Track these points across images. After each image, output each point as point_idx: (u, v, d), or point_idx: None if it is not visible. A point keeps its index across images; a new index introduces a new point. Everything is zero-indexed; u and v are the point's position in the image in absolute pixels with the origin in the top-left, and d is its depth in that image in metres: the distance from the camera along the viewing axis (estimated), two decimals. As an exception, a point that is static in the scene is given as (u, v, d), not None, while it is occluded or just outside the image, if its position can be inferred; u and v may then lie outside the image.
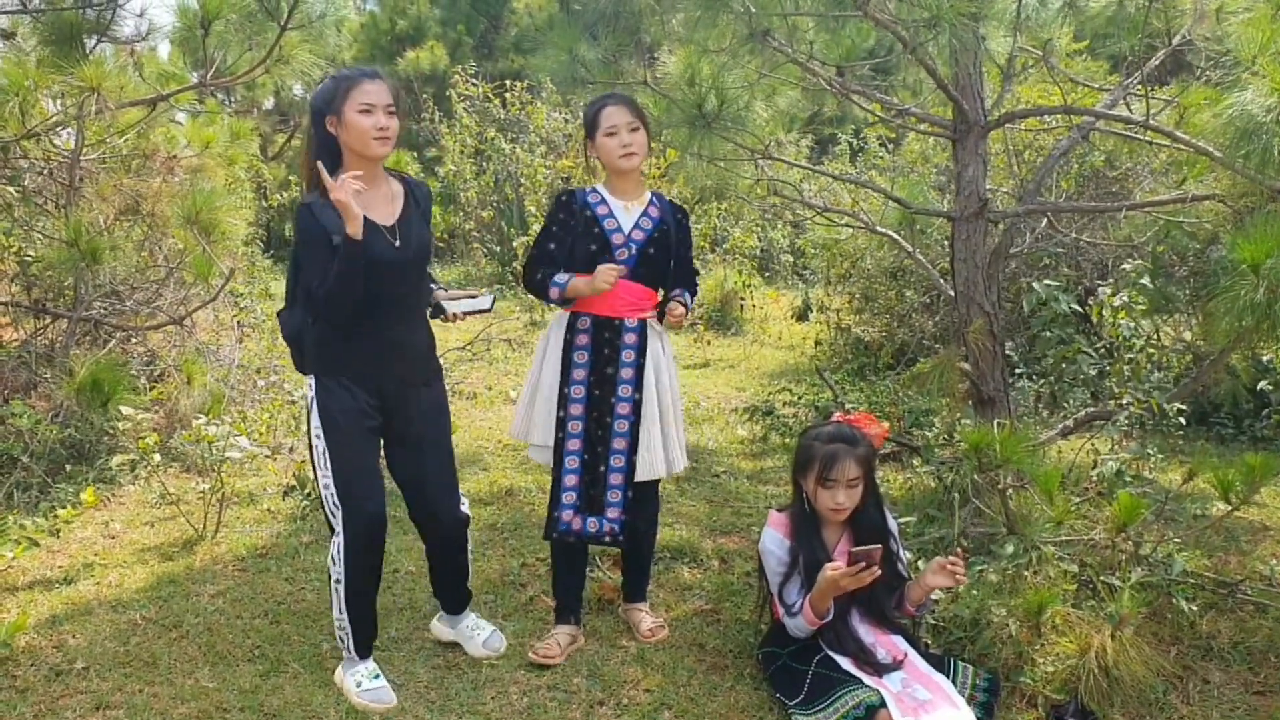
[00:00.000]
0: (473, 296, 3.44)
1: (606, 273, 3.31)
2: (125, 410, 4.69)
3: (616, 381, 3.46)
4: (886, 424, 3.62)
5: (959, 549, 3.25)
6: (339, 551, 3.19)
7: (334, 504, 3.17)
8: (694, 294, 3.65)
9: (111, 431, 5.41)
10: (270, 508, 5.00)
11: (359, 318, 3.10)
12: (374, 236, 3.08)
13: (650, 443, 3.50)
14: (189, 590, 4.03)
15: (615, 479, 3.47)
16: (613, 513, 3.48)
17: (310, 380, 3.20)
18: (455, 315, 3.39)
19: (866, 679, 3.02)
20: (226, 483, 4.86)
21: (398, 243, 3.15)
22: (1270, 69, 3.13)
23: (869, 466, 3.26)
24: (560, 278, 3.41)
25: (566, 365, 3.46)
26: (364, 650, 3.30)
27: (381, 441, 3.31)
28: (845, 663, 3.11)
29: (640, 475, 3.49)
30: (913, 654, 3.16)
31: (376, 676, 3.26)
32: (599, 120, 3.43)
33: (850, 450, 3.19)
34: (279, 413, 6.25)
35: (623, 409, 3.46)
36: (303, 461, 5.33)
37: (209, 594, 4.00)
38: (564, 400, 3.45)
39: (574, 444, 3.46)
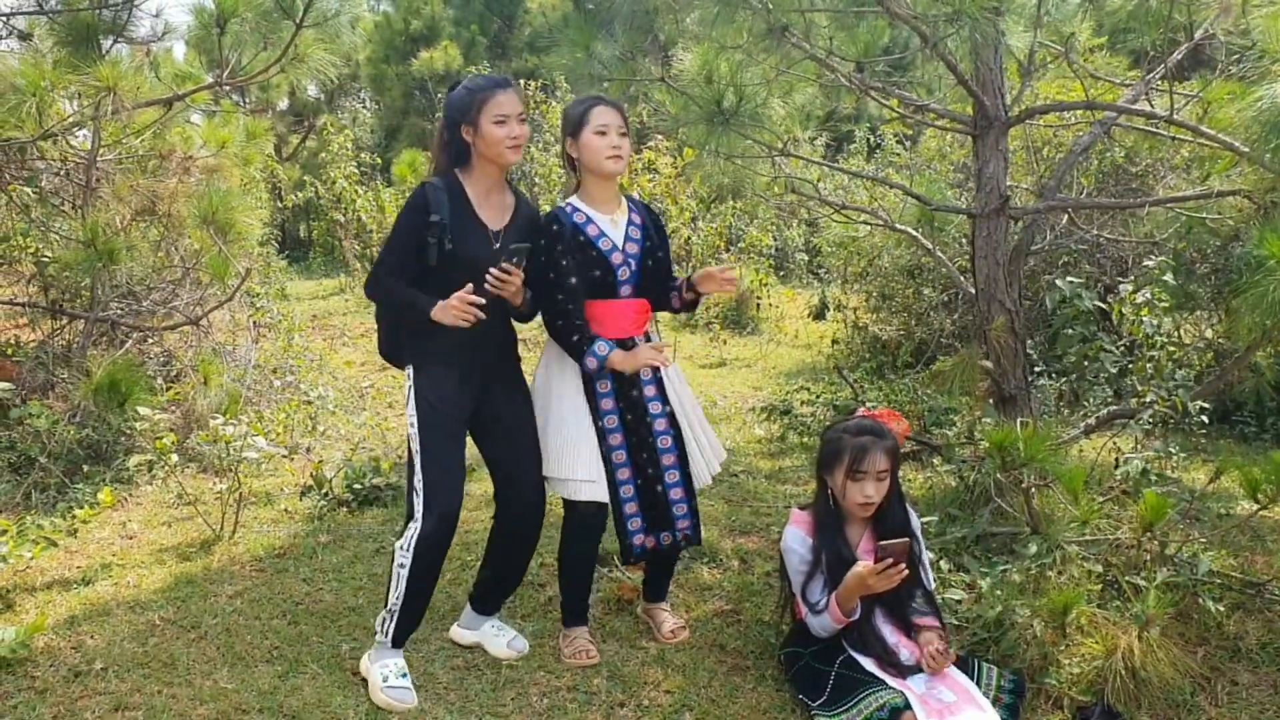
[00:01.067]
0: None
1: (650, 353, 3.32)
2: (143, 411, 4.68)
3: (645, 401, 3.41)
4: (907, 422, 3.59)
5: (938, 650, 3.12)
6: (413, 539, 3.20)
7: (420, 493, 3.22)
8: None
9: (128, 432, 5.42)
10: (288, 508, 4.99)
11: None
12: (480, 237, 3.26)
13: (696, 449, 3.51)
14: (207, 591, 4.02)
15: (676, 494, 3.45)
16: (682, 523, 3.47)
17: (409, 369, 3.32)
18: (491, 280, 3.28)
19: (891, 680, 2.99)
20: (244, 483, 4.85)
21: (497, 246, 3.27)
22: (1298, 61, 3.09)
23: (895, 460, 3.25)
24: (599, 351, 3.29)
25: (591, 397, 3.38)
26: (400, 640, 3.33)
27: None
28: (869, 664, 3.08)
29: (699, 483, 3.52)
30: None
31: (404, 675, 3.25)
32: (588, 118, 3.32)
33: (879, 442, 3.19)
34: (295, 413, 6.25)
35: (660, 425, 3.42)
36: (320, 462, 5.33)
37: (227, 595, 3.99)
38: (601, 435, 3.37)
39: (624, 473, 3.40)
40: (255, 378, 6.61)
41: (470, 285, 3.10)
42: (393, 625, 3.28)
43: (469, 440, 3.40)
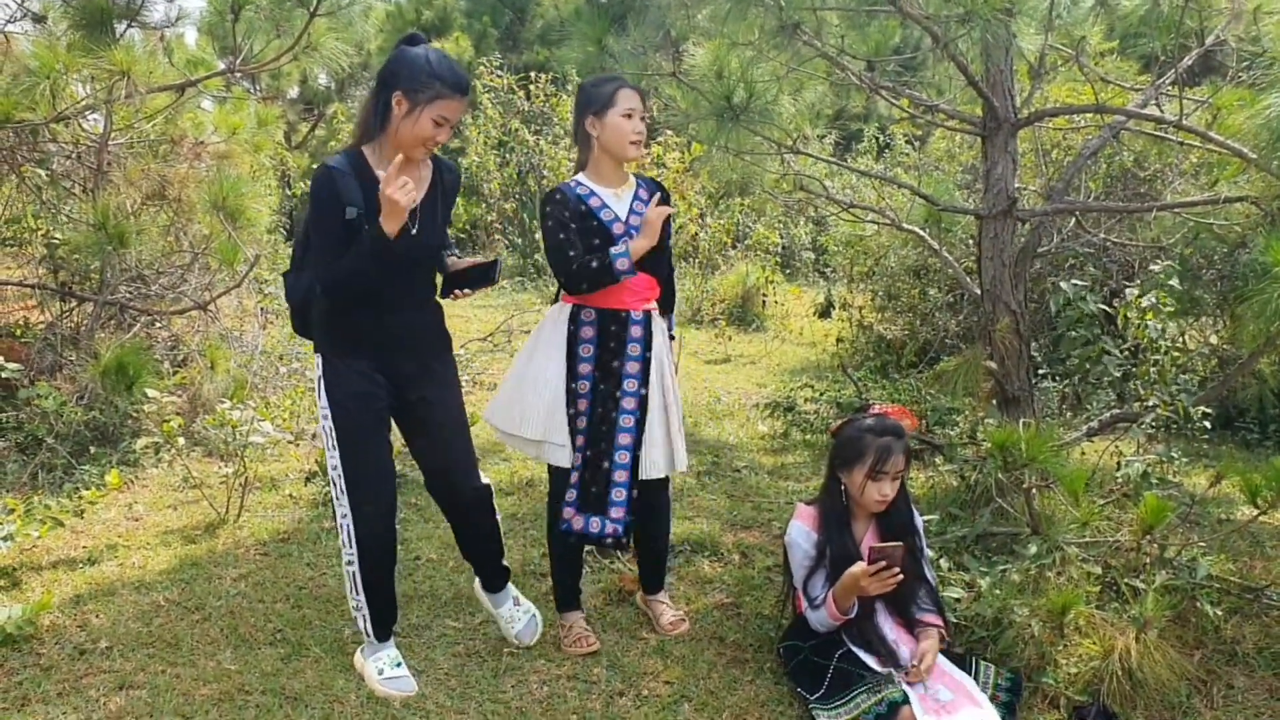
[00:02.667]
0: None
1: (657, 210, 3.25)
2: (150, 393, 4.71)
3: (622, 375, 3.35)
4: (914, 419, 3.60)
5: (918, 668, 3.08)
6: (349, 534, 3.17)
7: (341, 487, 3.15)
8: (672, 302, 3.58)
9: (135, 415, 5.45)
10: (292, 493, 5.02)
11: (368, 299, 3.06)
12: None
13: (654, 439, 3.40)
14: (211, 573, 4.05)
15: (619, 476, 3.35)
16: (616, 512, 3.35)
17: (318, 359, 3.17)
18: (459, 293, 3.27)
19: (892, 676, 3.01)
20: (249, 467, 4.88)
21: (414, 229, 3.08)
22: (1309, 70, 3.10)
23: (909, 459, 3.28)
24: (617, 247, 3.24)
25: (572, 360, 3.34)
26: (382, 633, 3.30)
27: (393, 419, 3.28)
28: (870, 660, 3.10)
29: (644, 473, 3.39)
30: (941, 659, 3.14)
31: (399, 664, 3.26)
32: (616, 99, 3.29)
33: (900, 442, 3.21)
34: (301, 399, 6.28)
35: (628, 404, 3.35)
36: (324, 448, 5.35)
37: (231, 577, 4.02)
38: (571, 397, 3.33)
39: (578, 440, 3.35)
40: (261, 364, 6.63)
41: (389, 170, 2.86)
42: (368, 623, 3.26)
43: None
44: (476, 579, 3.64)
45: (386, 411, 3.22)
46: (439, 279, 3.34)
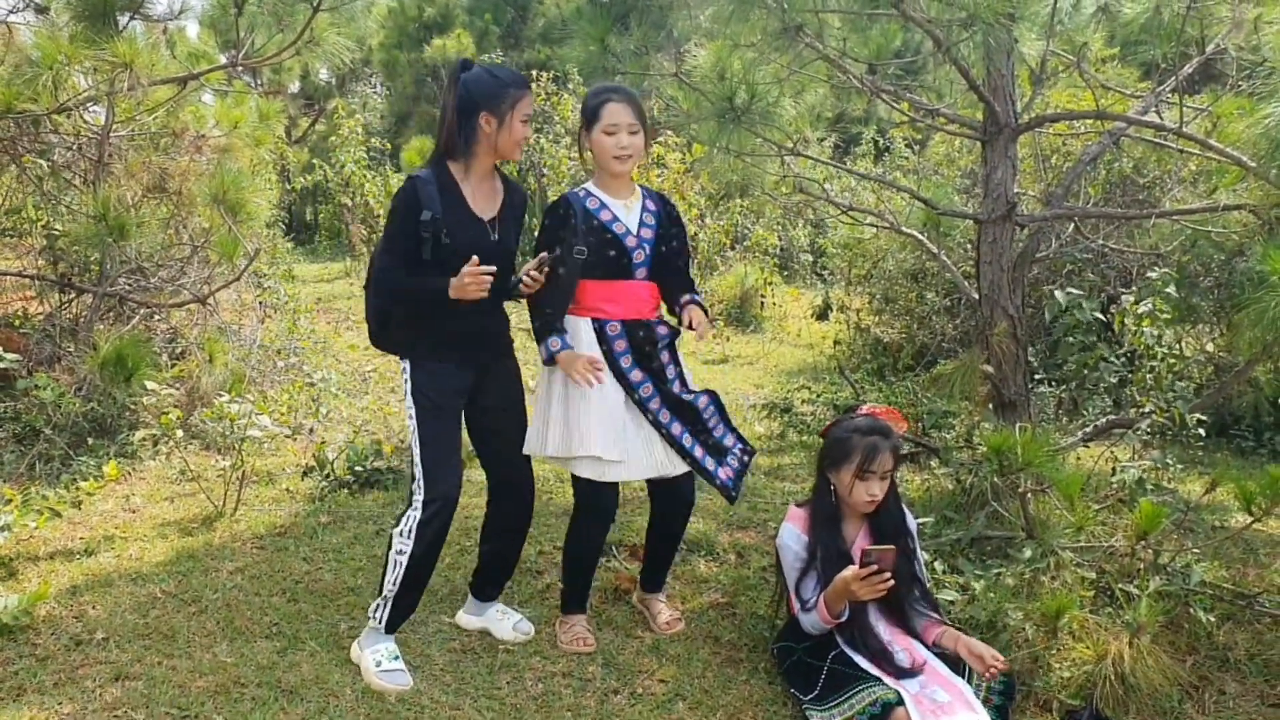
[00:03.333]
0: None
1: (586, 370, 3.27)
2: (150, 385, 4.72)
3: (664, 368, 3.46)
4: (904, 420, 3.62)
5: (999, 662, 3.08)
6: (413, 526, 3.23)
7: (420, 483, 3.25)
8: (694, 288, 3.65)
9: (133, 407, 5.45)
10: (289, 488, 5.03)
11: (450, 304, 3.18)
12: (474, 228, 3.25)
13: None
14: (208, 566, 4.06)
15: (713, 421, 3.50)
16: (729, 440, 3.52)
17: (405, 363, 3.32)
18: (526, 280, 3.30)
19: (885, 678, 3.02)
20: (246, 461, 4.89)
21: (495, 235, 3.30)
22: (1309, 79, 3.12)
23: (898, 459, 3.29)
24: (555, 343, 3.32)
25: (619, 374, 3.37)
26: (393, 627, 3.35)
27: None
28: (863, 661, 3.11)
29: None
30: (932, 657, 3.15)
31: (396, 658, 3.28)
32: (600, 114, 3.33)
33: (887, 442, 3.23)
34: (299, 394, 6.28)
35: (677, 386, 3.48)
36: (322, 443, 5.37)
37: (228, 570, 4.02)
38: (642, 406, 3.38)
39: (676, 428, 3.42)
40: (259, 358, 6.64)
41: (475, 258, 3.09)
42: (386, 611, 3.30)
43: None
44: (462, 610, 3.70)
45: (462, 410, 3.41)
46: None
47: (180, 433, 4.96)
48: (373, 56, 17.57)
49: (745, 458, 3.55)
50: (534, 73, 12.81)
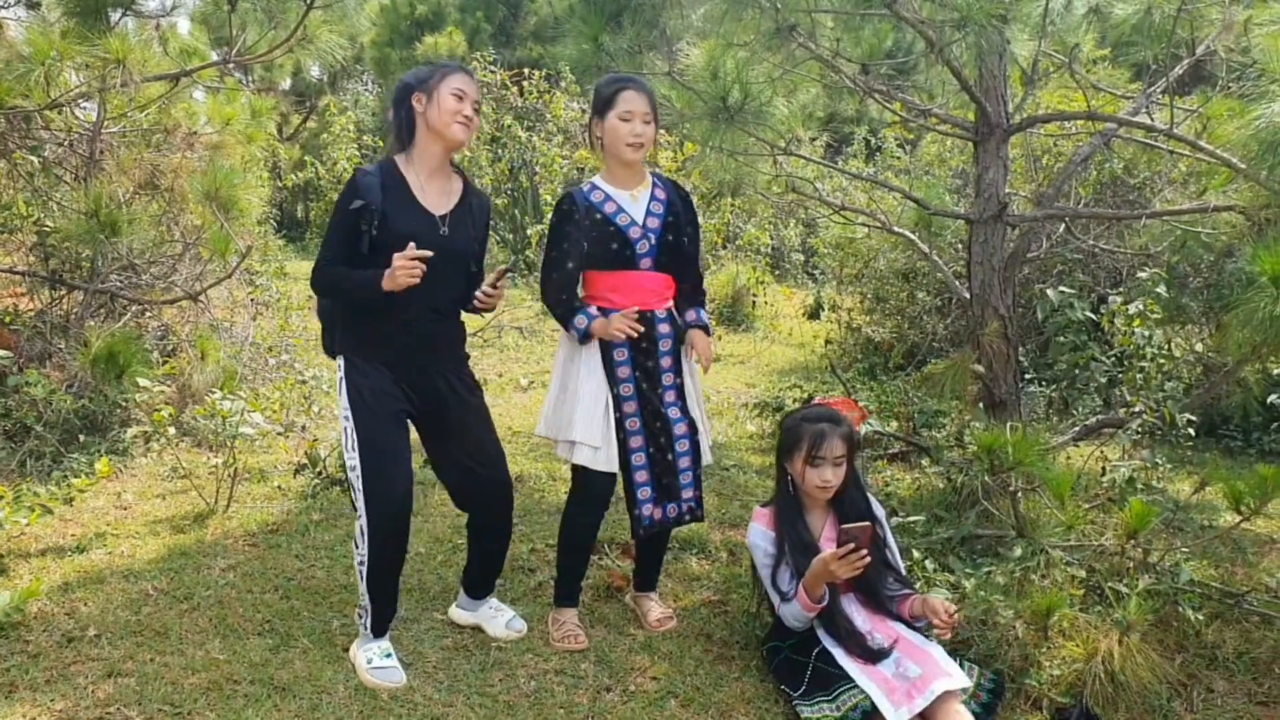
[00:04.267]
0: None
1: (622, 321, 3.30)
2: (142, 381, 4.71)
3: (659, 372, 3.45)
4: (861, 410, 3.65)
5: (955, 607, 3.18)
6: (362, 533, 3.20)
7: (359, 486, 3.18)
8: (703, 301, 3.66)
9: (124, 404, 5.44)
10: (281, 485, 5.02)
11: (394, 303, 3.11)
12: (422, 220, 3.18)
13: (704, 424, 3.57)
14: (200, 563, 4.05)
15: (684, 462, 3.50)
16: (687, 494, 3.52)
17: (340, 361, 3.24)
18: (483, 296, 3.29)
19: (858, 673, 3.04)
20: (238, 459, 4.88)
21: (445, 230, 3.21)
22: (1299, 81, 3.13)
23: (851, 445, 3.32)
24: (582, 321, 3.36)
25: (609, 366, 3.41)
26: (380, 630, 3.33)
27: (412, 425, 3.34)
28: (840, 655, 3.12)
29: (705, 459, 3.57)
30: (905, 631, 3.17)
31: (388, 655, 3.29)
32: (616, 101, 3.34)
33: (835, 429, 3.26)
34: (291, 391, 6.28)
35: (670, 396, 3.47)
36: (314, 441, 5.36)
37: (220, 567, 4.02)
38: (617, 402, 3.40)
39: (636, 441, 3.44)
40: (251, 355, 6.64)
41: (411, 245, 3.03)
42: (368, 617, 3.30)
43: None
44: (453, 604, 3.69)
45: (404, 414, 3.28)
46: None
47: (172, 430, 4.95)
48: (365, 54, 17.55)
49: (686, 517, 3.55)
50: (526, 71, 12.83)
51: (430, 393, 3.30)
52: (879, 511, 3.43)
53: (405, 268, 3.00)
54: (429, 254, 3.04)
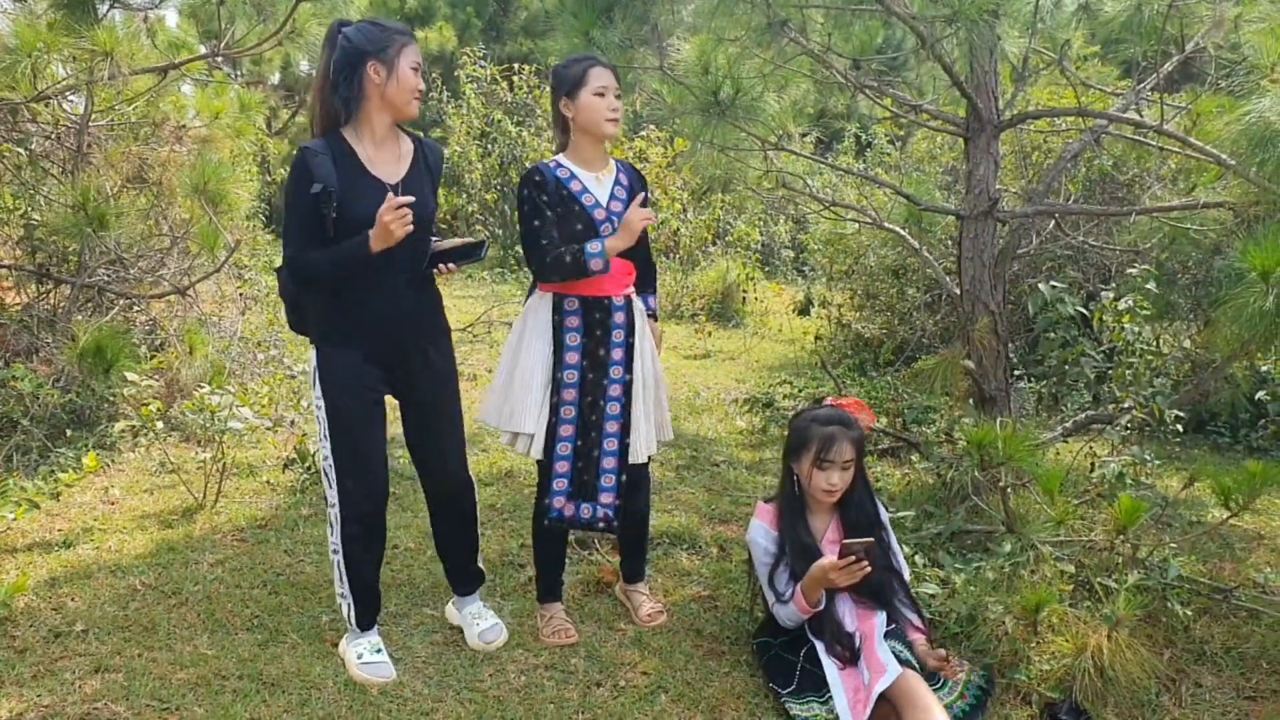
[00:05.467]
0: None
1: (638, 211, 3.25)
2: (130, 376, 4.68)
3: (608, 363, 3.38)
4: (872, 412, 3.64)
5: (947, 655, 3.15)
6: (335, 523, 3.19)
7: (331, 477, 3.16)
8: (655, 285, 3.64)
9: (111, 399, 5.42)
10: (270, 480, 5.00)
11: (367, 280, 3.06)
12: (375, 194, 3.03)
13: (640, 424, 3.44)
14: (188, 558, 4.04)
15: (609, 463, 3.39)
16: (606, 498, 3.40)
17: (313, 350, 3.18)
18: (444, 268, 3.22)
19: (835, 678, 3.04)
20: (227, 454, 4.86)
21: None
22: (1288, 77, 3.14)
23: (861, 450, 3.30)
24: (593, 246, 3.24)
25: (558, 348, 3.34)
26: (365, 623, 3.31)
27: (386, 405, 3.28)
28: (826, 660, 3.12)
29: (634, 458, 3.43)
30: (877, 635, 3.15)
31: (378, 650, 3.27)
32: (587, 78, 3.29)
33: (846, 432, 3.24)
34: (279, 386, 6.26)
35: (614, 391, 3.39)
36: (303, 435, 5.34)
37: (208, 563, 4.01)
38: (557, 386, 3.34)
39: (566, 429, 3.37)
40: (240, 350, 6.61)
41: (390, 195, 2.96)
42: (352, 612, 3.27)
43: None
44: (449, 603, 3.67)
45: (381, 401, 3.21)
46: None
47: (160, 424, 4.93)
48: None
49: (600, 524, 3.42)
50: (516, 66, 12.81)
51: (407, 373, 3.22)
52: (885, 517, 3.42)
53: (397, 218, 2.91)
54: (412, 199, 2.95)
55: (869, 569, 3.09)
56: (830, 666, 3.09)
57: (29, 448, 4.94)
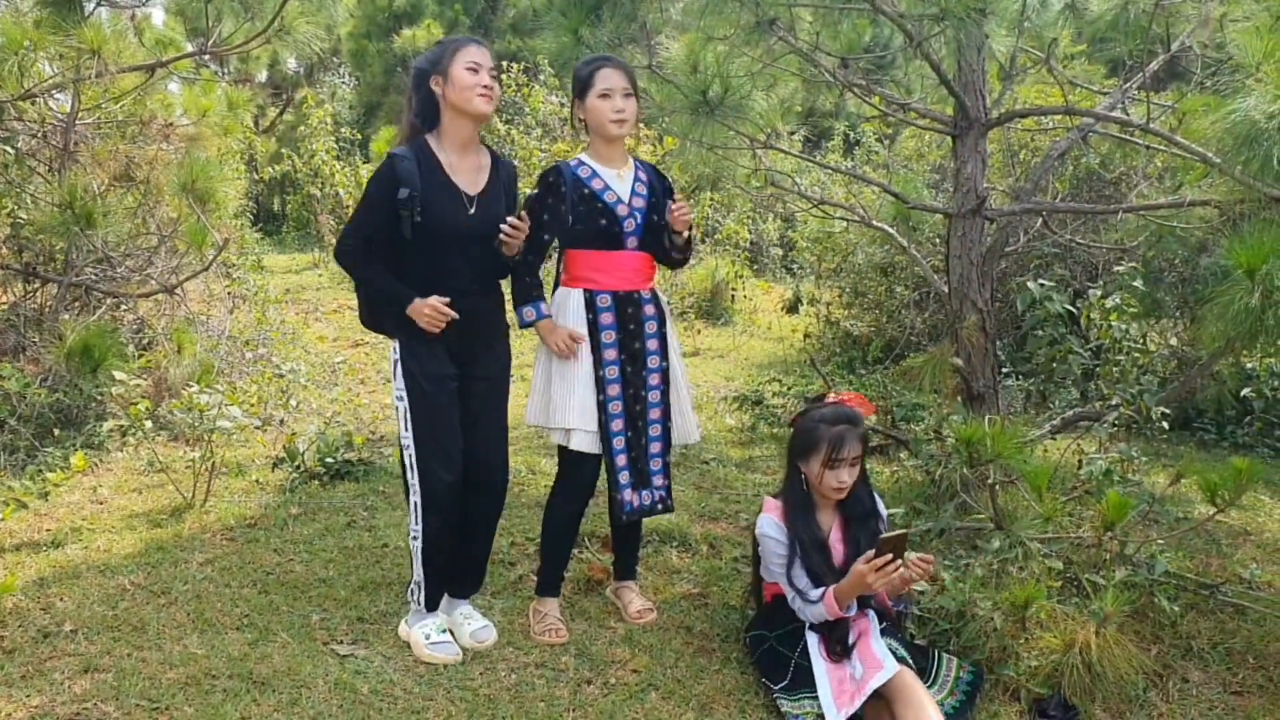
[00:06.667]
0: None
1: (568, 342, 3.37)
2: (118, 375, 4.67)
3: (645, 354, 3.47)
4: (871, 405, 3.65)
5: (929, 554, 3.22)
6: (416, 511, 3.32)
7: (411, 466, 3.30)
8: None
9: (99, 398, 5.40)
10: (259, 479, 5.00)
11: (433, 282, 3.23)
12: (455, 204, 3.24)
13: (681, 408, 3.58)
14: (177, 557, 4.03)
15: (655, 448, 3.51)
16: (658, 480, 3.53)
17: (395, 343, 3.33)
18: (505, 230, 3.32)
19: (821, 672, 3.05)
20: (216, 453, 4.85)
21: (472, 210, 3.27)
22: (1273, 75, 3.15)
23: (866, 445, 3.32)
24: (537, 311, 3.42)
25: (596, 346, 3.42)
26: (433, 604, 3.44)
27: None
28: (813, 644, 3.13)
29: (676, 440, 3.58)
30: (872, 628, 3.17)
31: (444, 630, 3.39)
32: (594, 80, 3.38)
33: (854, 430, 3.25)
34: (268, 385, 6.24)
35: (654, 379, 3.49)
36: (292, 434, 5.34)
37: (197, 562, 4.00)
38: (600, 384, 3.42)
39: (617, 424, 3.45)
40: (228, 349, 6.60)
41: (444, 300, 3.19)
42: (421, 593, 3.42)
43: None
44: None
45: (457, 392, 3.37)
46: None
47: (148, 424, 4.92)
48: (342, 46, 17.44)
49: (659, 506, 3.55)
50: (505, 64, 12.78)
51: (473, 363, 3.39)
52: (883, 510, 3.43)
53: (432, 317, 3.19)
54: (455, 315, 3.21)
55: (903, 569, 3.08)
56: (817, 659, 3.09)
57: (16, 447, 4.92)
